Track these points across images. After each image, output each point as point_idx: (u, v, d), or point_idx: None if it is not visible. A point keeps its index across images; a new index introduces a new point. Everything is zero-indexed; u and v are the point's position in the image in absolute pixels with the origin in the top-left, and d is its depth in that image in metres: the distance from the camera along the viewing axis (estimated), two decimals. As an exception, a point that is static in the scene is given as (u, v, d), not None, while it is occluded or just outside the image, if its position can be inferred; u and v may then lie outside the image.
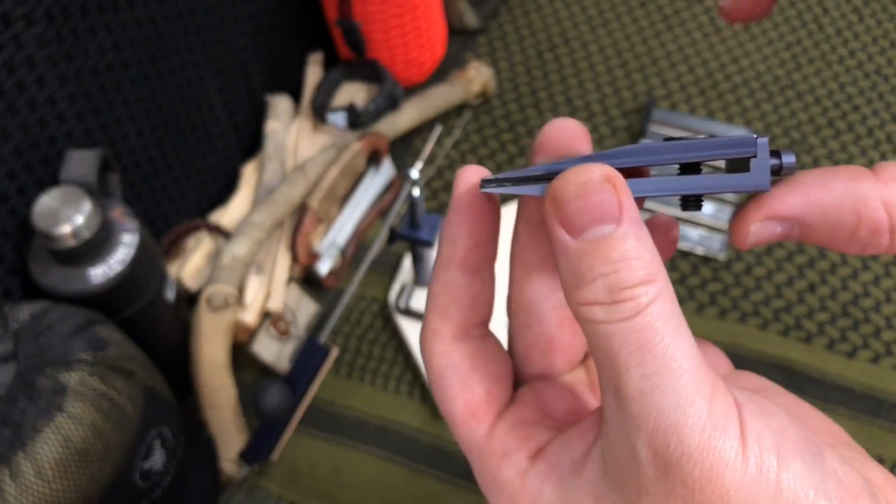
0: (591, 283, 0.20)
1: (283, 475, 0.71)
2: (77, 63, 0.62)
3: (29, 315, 0.53)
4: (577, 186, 0.20)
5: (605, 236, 0.20)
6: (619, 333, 0.20)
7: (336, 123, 0.87)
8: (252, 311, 0.74)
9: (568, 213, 0.21)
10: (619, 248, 0.20)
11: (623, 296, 0.20)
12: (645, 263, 0.20)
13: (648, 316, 0.19)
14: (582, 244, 0.20)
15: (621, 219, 0.20)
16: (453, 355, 0.24)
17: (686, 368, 0.19)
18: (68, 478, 0.50)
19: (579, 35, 1.04)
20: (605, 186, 0.20)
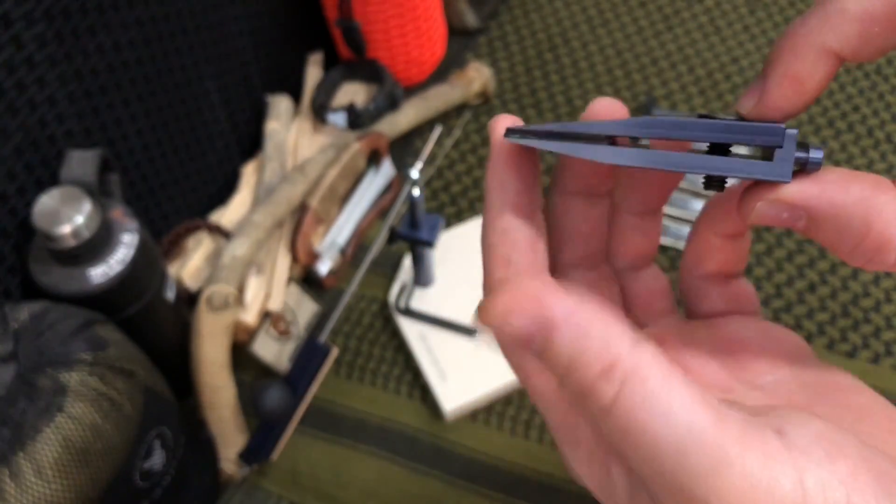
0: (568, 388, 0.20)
1: (283, 475, 0.71)
2: (77, 63, 0.62)
3: (29, 315, 0.53)
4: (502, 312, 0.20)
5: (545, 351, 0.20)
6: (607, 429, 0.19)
7: (336, 123, 0.87)
8: (252, 311, 0.74)
9: (506, 347, 0.21)
10: (562, 354, 0.19)
11: (591, 394, 0.19)
12: (595, 354, 0.19)
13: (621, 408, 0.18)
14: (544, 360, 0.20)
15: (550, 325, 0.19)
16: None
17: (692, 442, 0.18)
18: (68, 478, 0.50)
19: (579, 35, 1.04)
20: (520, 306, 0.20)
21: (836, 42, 0.20)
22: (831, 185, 0.21)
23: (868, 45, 0.20)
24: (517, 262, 0.23)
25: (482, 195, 0.90)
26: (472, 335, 0.75)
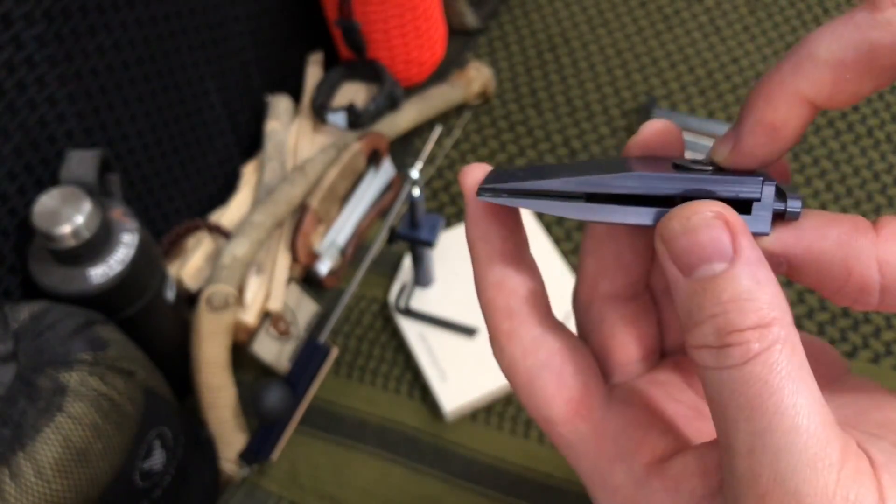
0: (699, 324, 0.19)
1: (283, 475, 0.71)
2: (77, 63, 0.62)
3: (29, 315, 0.53)
4: (682, 223, 0.19)
5: (716, 275, 0.19)
6: (727, 382, 0.18)
7: (336, 123, 0.87)
8: (252, 311, 0.74)
9: (677, 250, 0.19)
10: (730, 288, 0.18)
11: (732, 340, 0.18)
12: (760, 306, 0.18)
13: (759, 365, 0.18)
14: (692, 283, 0.19)
15: (735, 258, 0.19)
16: (539, 352, 0.22)
17: (805, 428, 0.17)
18: (68, 478, 0.50)
19: (579, 35, 1.04)
20: (713, 223, 0.19)
21: (809, 89, 0.20)
22: (809, 231, 0.21)
23: (841, 92, 0.20)
24: (520, 310, 0.23)
25: (482, 195, 0.90)
26: (472, 335, 0.75)
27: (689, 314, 0.19)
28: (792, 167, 0.90)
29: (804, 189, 0.88)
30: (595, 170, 0.21)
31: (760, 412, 0.18)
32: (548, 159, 0.92)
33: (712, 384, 0.19)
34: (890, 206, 0.86)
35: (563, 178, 0.21)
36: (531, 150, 0.93)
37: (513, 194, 0.22)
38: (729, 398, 0.18)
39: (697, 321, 0.19)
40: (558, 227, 0.86)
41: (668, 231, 0.20)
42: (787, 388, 0.18)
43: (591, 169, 0.22)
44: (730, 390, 0.18)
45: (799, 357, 0.18)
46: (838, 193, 0.87)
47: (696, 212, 0.19)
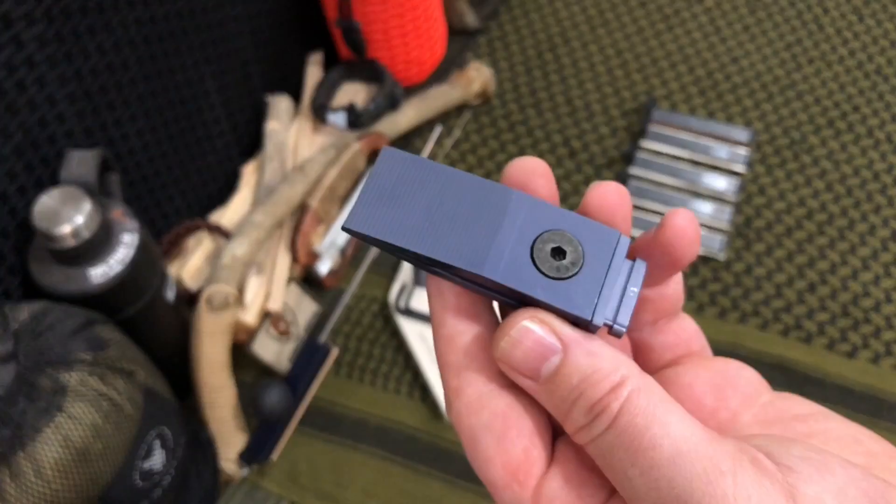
0: (568, 413, 0.20)
1: (283, 475, 0.71)
2: (77, 63, 0.62)
3: (29, 315, 0.53)
4: (509, 338, 0.21)
5: (558, 368, 0.20)
6: (606, 444, 0.20)
7: (336, 123, 0.87)
8: (252, 311, 0.74)
9: (515, 365, 0.21)
10: (575, 372, 0.20)
11: (596, 411, 0.20)
12: (606, 373, 0.20)
13: (624, 417, 0.19)
14: (544, 385, 0.21)
15: (564, 346, 0.20)
16: (482, 413, 0.23)
17: (688, 451, 0.19)
18: (68, 478, 0.50)
19: (579, 35, 1.04)
20: (530, 327, 0.21)
21: None
22: None
23: None
24: (468, 367, 0.23)
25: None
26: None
27: (557, 409, 0.21)
28: (792, 167, 0.90)
29: (804, 189, 0.88)
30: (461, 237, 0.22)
31: (640, 453, 0.19)
32: (548, 159, 0.92)
33: (598, 453, 0.20)
34: (890, 205, 0.86)
35: (422, 248, 0.22)
36: (531, 150, 0.93)
37: (374, 242, 0.22)
38: (612, 457, 0.20)
39: (565, 411, 0.21)
40: (558, 227, 0.86)
41: (500, 352, 0.21)
42: (656, 424, 0.19)
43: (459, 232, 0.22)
44: (610, 450, 0.20)
45: (658, 394, 0.20)
46: (838, 193, 0.87)
47: (513, 325, 0.21)
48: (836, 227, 0.85)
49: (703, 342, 0.27)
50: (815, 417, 0.23)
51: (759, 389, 0.25)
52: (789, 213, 0.86)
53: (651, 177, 0.88)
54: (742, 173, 0.88)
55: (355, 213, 0.22)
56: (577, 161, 0.92)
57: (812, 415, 0.23)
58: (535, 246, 0.22)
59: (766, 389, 0.25)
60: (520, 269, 0.22)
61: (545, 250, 0.22)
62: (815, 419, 0.23)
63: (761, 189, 0.88)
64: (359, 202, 0.22)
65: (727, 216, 0.85)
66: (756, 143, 0.92)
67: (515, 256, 0.22)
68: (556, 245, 0.22)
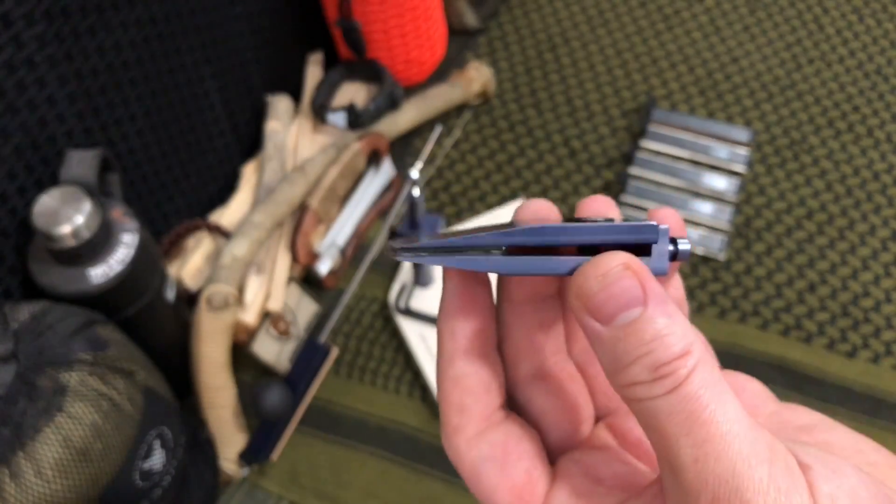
0: (629, 366, 0.20)
1: (283, 475, 0.71)
2: (77, 63, 0.62)
3: (29, 315, 0.53)
4: (598, 279, 0.21)
5: (635, 320, 0.21)
6: (664, 407, 0.20)
7: (336, 123, 0.87)
8: (252, 311, 0.74)
9: (595, 305, 0.21)
10: (650, 328, 0.20)
11: (662, 372, 0.20)
12: (678, 338, 0.20)
13: (690, 386, 0.20)
14: (614, 331, 0.21)
15: (647, 301, 0.21)
16: (482, 446, 0.24)
17: (737, 433, 0.19)
18: (68, 478, 0.50)
19: (579, 35, 1.04)
20: (623, 274, 0.21)
21: None
22: None
23: None
24: (471, 407, 0.24)
25: (482, 195, 0.90)
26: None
27: (616, 359, 0.21)
28: (792, 167, 0.90)
29: (804, 189, 0.88)
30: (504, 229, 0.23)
31: (699, 424, 0.20)
32: (548, 160, 0.92)
33: (649, 413, 0.20)
34: (890, 205, 0.86)
35: (479, 235, 0.22)
36: (531, 150, 0.93)
37: (433, 252, 0.22)
38: (667, 420, 0.20)
39: (626, 363, 0.21)
40: (558, 227, 0.86)
41: (583, 288, 0.21)
42: (716, 401, 0.20)
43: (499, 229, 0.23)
44: (667, 413, 0.20)
45: (718, 373, 0.21)
46: (838, 193, 0.87)
47: (606, 266, 0.21)
48: (836, 227, 0.85)
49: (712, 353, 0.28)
50: (819, 427, 0.24)
51: (765, 401, 0.26)
52: (789, 213, 0.86)
53: (651, 177, 0.88)
54: (742, 173, 0.88)
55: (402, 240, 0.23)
56: (577, 161, 0.92)
57: (816, 425, 0.24)
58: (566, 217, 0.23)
59: (771, 400, 0.26)
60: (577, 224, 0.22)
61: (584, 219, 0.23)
62: (818, 429, 0.24)
63: (761, 189, 0.88)
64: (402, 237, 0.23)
65: (727, 216, 0.85)
66: (756, 143, 0.92)
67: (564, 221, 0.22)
68: None
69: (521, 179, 0.90)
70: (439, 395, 0.25)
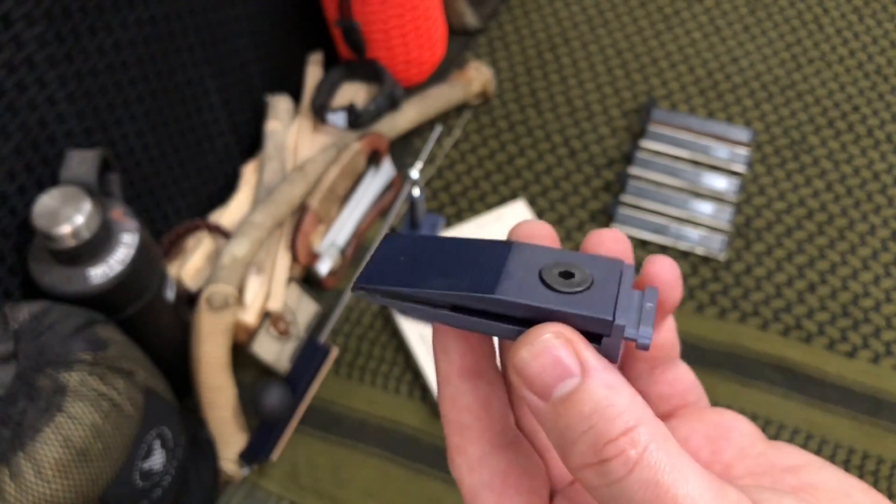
0: (573, 444, 0.19)
1: (283, 475, 0.71)
2: (77, 63, 0.62)
3: (29, 315, 0.53)
4: (528, 348, 0.20)
5: (572, 392, 0.19)
6: (620, 496, 0.19)
7: (336, 123, 0.87)
8: (252, 311, 0.74)
9: (529, 377, 0.20)
10: (589, 400, 0.19)
11: (609, 452, 0.19)
12: (621, 409, 0.19)
13: (644, 470, 0.18)
14: (553, 406, 0.20)
15: (584, 371, 0.20)
16: (483, 472, 0.23)
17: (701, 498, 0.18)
18: (68, 478, 0.50)
19: (579, 35, 1.04)
20: (554, 343, 0.20)
21: None
22: None
23: None
24: (471, 426, 0.23)
25: (482, 195, 0.90)
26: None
27: (561, 437, 0.20)
28: (792, 167, 0.90)
29: (804, 189, 0.88)
30: (468, 276, 0.22)
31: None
32: (548, 159, 0.92)
33: (607, 501, 0.19)
34: (890, 205, 0.86)
35: (432, 289, 0.22)
36: (531, 150, 0.93)
37: (386, 295, 0.22)
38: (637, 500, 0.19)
39: (570, 441, 0.19)
40: (558, 226, 0.86)
41: (518, 360, 0.20)
42: (676, 481, 0.18)
43: (465, 273, 0.22)
44: (628, 499, 0.19)
45: (674, 447, 0.19)
46: (838, 193, 0.87)
47: (536, 335, 0.20)
48: (836, 227, 0.85)
49: (700, 392, 0.27)
50: (807, 469, 0.23)
51: (754, 441, 0.25)
52: (789, 213, 0.86)
53: (651, 177, 0.88)
54: (742, 173, 0.88)
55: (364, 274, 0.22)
56: (577, 161, 0.92)
57: (803, 466, 0.23)
58: (542, 272, 0.22)
59: (760, 440, 0.25)
60: (532, 289, 0.21)
61: (553, 273, 0.21)
62: (806, 470, 0.23)
63: (761, 189, 0.88)
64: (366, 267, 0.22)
65: (727, 216, 0.85)
66: (756, 143, 0.92)
67: (525, 280, 0.21)
68: (563, 269, 0.22)
69: (521, 179, 0.90)
70: (440, 415, 0.24)
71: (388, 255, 0.23)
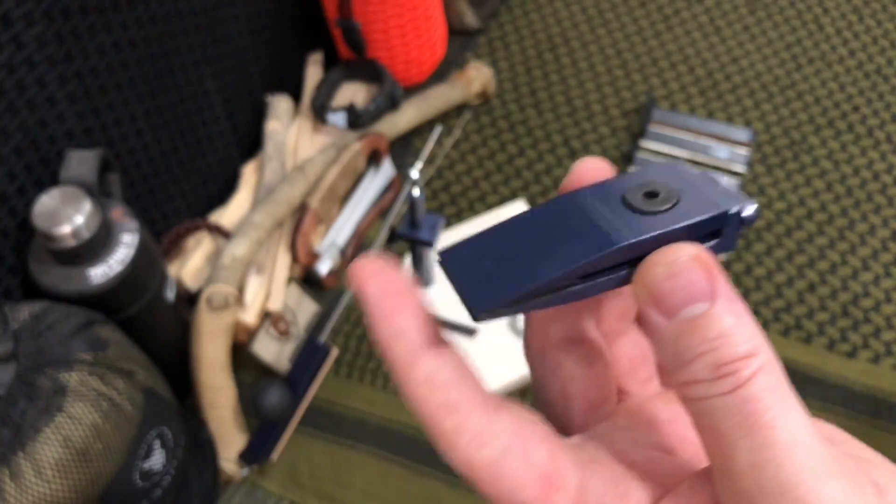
0: (690, 362, 0.19)
1: (283, 475, 0.71)
2: (77, 63, 0.62)
3: (29, 315, 0.53)
4: (665, 267, 0.20)
5: (700, 315, 0.19)
6: (722, 408, 0.19)
7: (336, 123, 0.87)
8: (252, 311, 0.74)
9: (659, 295, 0.20)
10: (716, 326, 0.19)
11: (724, 371, 0.19)
12: (744, 338, 0.19)
13: (751, 388, 0.19)
14: (677, 325, 0.20)
15: (715, 296, 0.19)
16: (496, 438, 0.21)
17: (802, 443, 0.18)
18: (68, 478, 0.50)
19: (579, 35, 1.04)
20: (692, 265, 0.20)
21: None
22: None
23: None
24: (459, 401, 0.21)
25: (482, 195, 0.90)
26: (472, 335, 0.75)
27: (677, 354, 0.20)
28: (792, 167, 0.90)
29: (804, 189, 0.88)
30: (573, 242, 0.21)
31: (758, 427, 0.18)
32: (548, 159, 0.92)
33: (706, 413, 0.19)
34: (890, 205, 0.86)
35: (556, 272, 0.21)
36: (531, 150, 0.93)
37: (513, 304, 0.21)
38: (725, 421, 0.19)
39: (687, 360, 0.19)
40: (558, 227, 0.86)
41: (650, 277, 0.20)
42: (778, 406, 0.19)
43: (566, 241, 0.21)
44: (725, 414, 0.19)
45: (783, 379, 0.19)
46: (838, 193, 0.87)
47: (674, 255, 0.20)
48: (836, 227, 0.85)
49: None
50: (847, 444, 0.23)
51: None
52: (789, 213, 0.86)
53: (651, 177, 0.88)
54: (742, 173, 0.88)
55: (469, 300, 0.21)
56: (577, 161, 0.92)
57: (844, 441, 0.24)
58: (629, 204, 0.21)
59: None
60: (641, 221, 0.21)
61: (639, 199, 0.21)
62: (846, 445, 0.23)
63: (761, 189, 0.88)
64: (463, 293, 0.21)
65: (727, 216, 0.85)
66: (756, 143, 0.92)
67: (625, 218, 0.21)
68: (644, 192, 0.21)
69: (521, 179, 0.90)
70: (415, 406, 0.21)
71: (467, 269, 0.22)
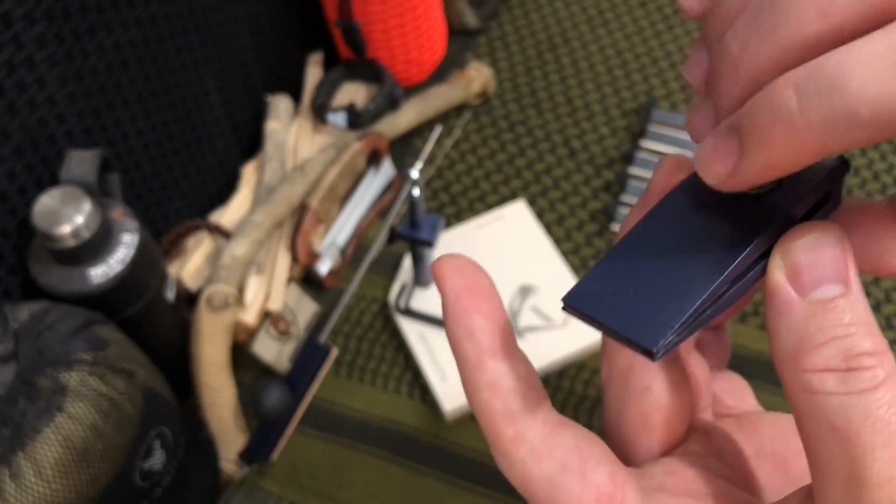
0: (821, 346, 0.18)
1: (283, 475, 0.71)
2: (77, 63, 0.62)
3: (29, 315, 0.53)
4: (808, 240, 0.19)
5: (836, 297, 0.18)
6: (858, 407, 0.17)
7: (336, 123, 0.87)
8: (252, 311, 0.74)
9: (798, 268, 0.19)
10: (853, 310, 0.18)
11: (861, 363, 0.17)
12: (876, 331, 0.18)
13: (893, 390, 0.17)
14: (810, 304, 0.18)
15: (849, 282, 0.19)
16: (554, 453, 0.20)
17: None
18: (68, 478, 0.50)
19: (579, 35, 1.04)
20: (837, 243, 0.19)
21: None
22: None
23: None
24: (521, 410, 0.21)
25: (482, 195, 0.90)
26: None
27: (805, 337, 0.18)
28: (792, 167, 0.90)
29: (804, 189, 0.88)
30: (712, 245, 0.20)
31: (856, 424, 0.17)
32: (548, 159, 0.92)
33: (835, 411, 0.18)
34: (890, 206, 0.86)
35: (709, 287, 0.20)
36: (531, 150, 0.93)
37: (685, 328, 0.20)
38: (861, 424, 0.17)
39: (817, 343, 0.18)
40: (558, 227, 0.86)
41: (791, 249, 0.19)
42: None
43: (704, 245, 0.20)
44: (862, 416, 0.17)
45: None
46: (838, 193, 0.87)
47: (821, 230, 0.19)
48: (836, 227, 0.85)
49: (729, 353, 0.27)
50: None
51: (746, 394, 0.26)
52: (789, 213, 0.86)
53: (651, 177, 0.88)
54: (742, 173, 0.88)
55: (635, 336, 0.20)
56: (577, 161, 0.92)
57: None
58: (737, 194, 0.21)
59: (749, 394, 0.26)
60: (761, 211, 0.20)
61: None
62: None
63: (761, 189, 0.88)
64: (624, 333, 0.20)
65: (727, 216, 0.84)
66: (756, 143, 0.92)
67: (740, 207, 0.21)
68: None
69: (521, 179, 0.90)
70: (476, 410, 0.21)
71: (609, 309, 0.21)
